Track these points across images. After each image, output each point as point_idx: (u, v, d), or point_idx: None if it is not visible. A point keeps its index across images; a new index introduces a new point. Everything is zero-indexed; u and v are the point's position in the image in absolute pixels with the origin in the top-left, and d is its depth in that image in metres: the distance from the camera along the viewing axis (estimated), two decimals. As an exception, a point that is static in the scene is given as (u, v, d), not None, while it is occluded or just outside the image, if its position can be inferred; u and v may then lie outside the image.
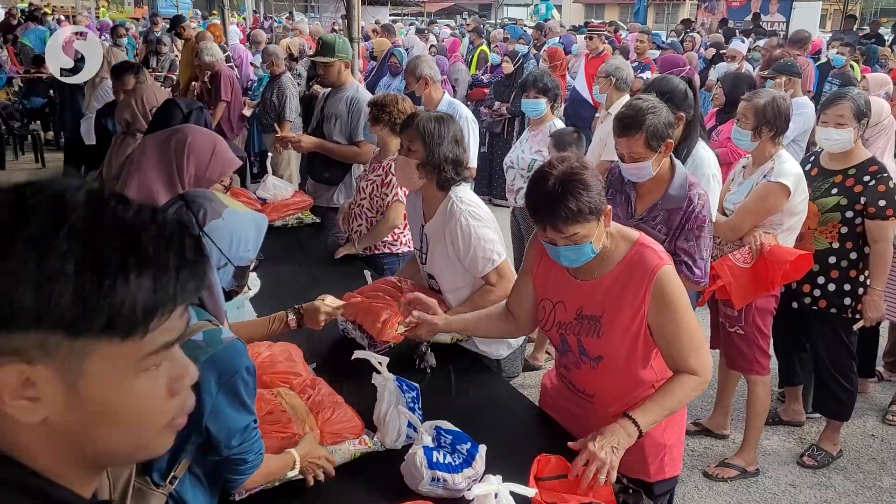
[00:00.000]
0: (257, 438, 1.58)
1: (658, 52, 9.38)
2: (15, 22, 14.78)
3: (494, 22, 25.36)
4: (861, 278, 3.31)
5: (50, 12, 17.68)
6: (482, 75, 9.24)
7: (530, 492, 1.70)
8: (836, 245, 3.28)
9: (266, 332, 2.25)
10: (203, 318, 1.50)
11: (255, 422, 1.57)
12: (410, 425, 2.04)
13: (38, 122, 10.41)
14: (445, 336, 2.57)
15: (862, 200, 3.21)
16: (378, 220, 3.55)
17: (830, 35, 14.24)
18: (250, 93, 8.04)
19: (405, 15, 28.87)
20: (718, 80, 5.87)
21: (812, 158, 3.49)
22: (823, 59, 8.68)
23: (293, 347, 2.29)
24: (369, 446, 2.04)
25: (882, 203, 3.18)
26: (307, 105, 6.97)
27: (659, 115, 2.57)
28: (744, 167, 3.37)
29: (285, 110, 6.59)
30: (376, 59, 8.07)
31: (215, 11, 17.70)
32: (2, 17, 15.52)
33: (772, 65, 5.26)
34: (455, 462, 1.92)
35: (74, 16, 17.95)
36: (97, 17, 19.19)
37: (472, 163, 4.23)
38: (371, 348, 2.45)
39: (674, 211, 2.65)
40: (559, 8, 25.50)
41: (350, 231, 3.71)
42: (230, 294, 1.71)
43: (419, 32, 14.13)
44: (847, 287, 3.30)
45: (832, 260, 3.30)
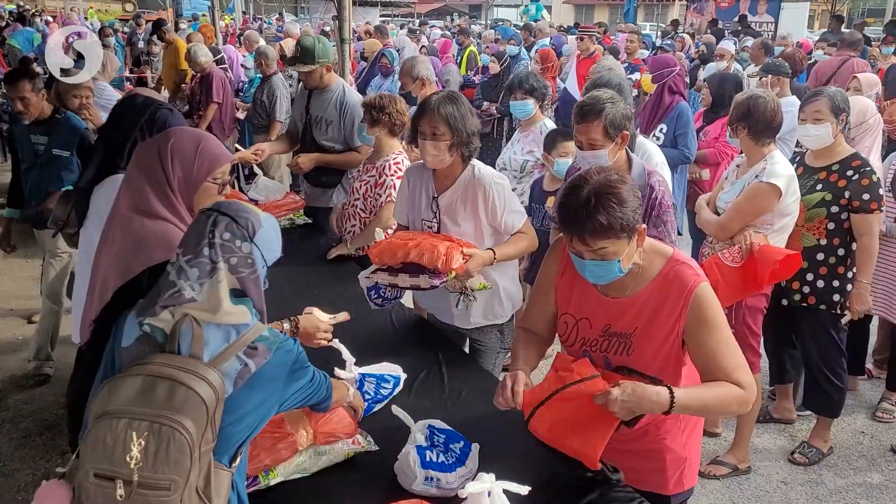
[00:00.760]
0: (319, 383, 1.79)
1: (647, 53, 9.42)
2: (3, 24, 14.69)
3: (485, 23, 25.40)
4: (849, 274, 3.34)
5: (37, 13, 17.59)
6: (473, 76, 9.25)
7: (523, 490, 1.71)
8: (824, 241, 3.31)
9: None
10: (256, 319, 1.59)
11: (314, 375, 1.76)
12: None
13: (27, 125, 10.31)
14: (476, 281, 2.68)
15: (846, 195, 3.24)
16: (371, 221, 3.55)
17: (818, 36, 14.35)
18: (241, 94, 8.03)
19: (396, 16, 28.88)
20: (705, 81, 5.91)
21: (798, 158, 3.54)
22: (811, 60, 8.76)
23: None
24: (362, 446, 2.05)
25: (866, 196, 3.21)
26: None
27: (617, 107, 2.69)
28: (738, 166, 3.40)
29: (275, 110, 6.58)
30: (366, 60, 8.07)
31: (205, 13, 17.67)
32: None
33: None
34: (448, 461, 1.92)
35: (64, 19, 17.85)
36: (86, 18, 19.10)
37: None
38: (432, 281, 2.54)
39: None
40: (549, 9, 25.55)
41: (343, 231, 3.71)
42: None
43: (411, 33, 14.11)
44: (836, 283, 3.33)
45: (820, 256, 3.32)
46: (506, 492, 1.69)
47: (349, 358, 2.28)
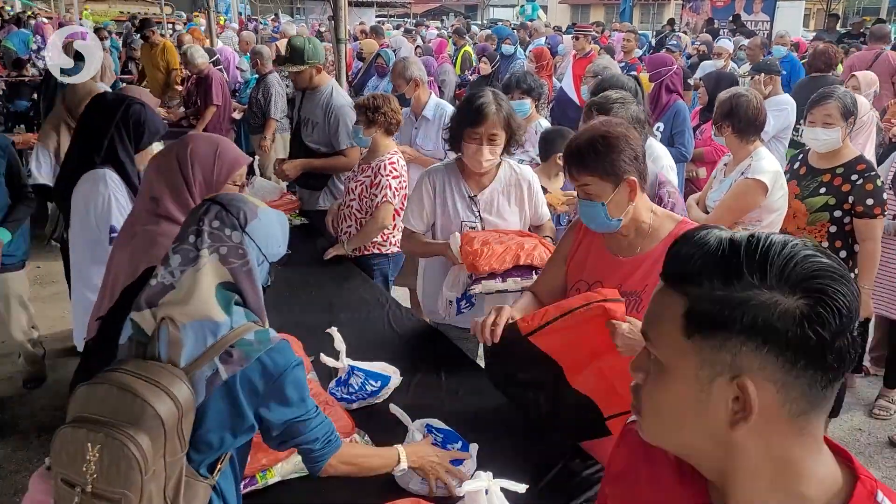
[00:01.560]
0: (311, 429, 1.61)
1: (640, 52, 9.43)
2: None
3: (481, 23, 25.39)
4: (851, 276, 3.31)
5: (31, 14, 17.54)
6: (469, 75, 9.25)
7: (521, 488, 1.71)
8: (826, 245, 3.30)
9: None
10: (251, 319, 1.54)
11: (309, 413, 1.59)
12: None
13: (23, 126, 10.31)
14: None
15: (850, 199, 3.22)
16: (367, 221, 3.55)
17: (813, 35, 14.37)
18: (237, 95, 8.03)
19: (391, 16, 28.85)
20: (701, 80, 5.92)
21: (801, 156, 3.50)
22: (804, 58, 8.77)
23: (292, 339, 2.31)
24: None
25: (870, 202, 3.19)
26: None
27: (628, 108, 2.70)
28: (725, 165, 3.40)
29: (270, 108, 6.58)
30: (364, 60, 8.06)
31: (197, 14, 17.62)
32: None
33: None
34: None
35: (59, 20, 17.80)
36: (80, 20, 19.05)
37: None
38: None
39: None
40: (545, 8, 25.56)
41: (339, 232, 3.70)
42: (264, 290, 1.73)
43: (407, 33, 14.11)
44: None
45: None
46: (503, 490, 1.70)
47: (341, 347, 2.26)
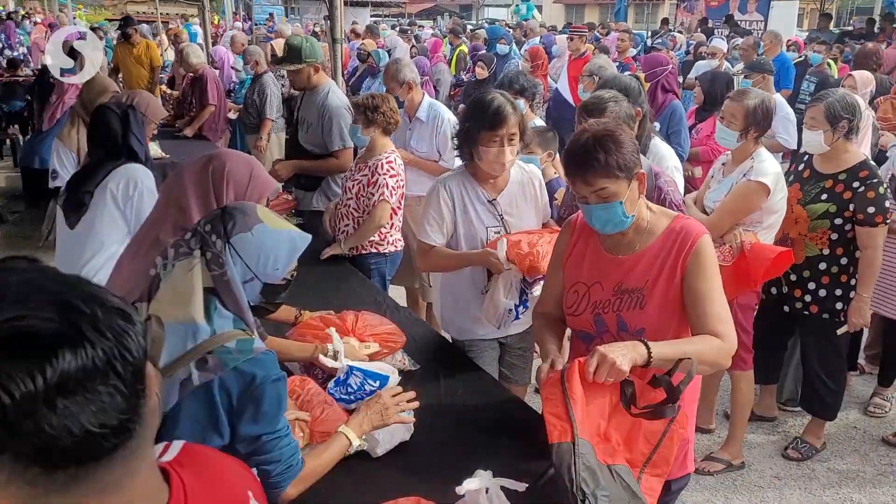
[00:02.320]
0: (278, 448, 1.58)
1: (635, 51, 9.45)
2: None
3: (475, 22, 25.40)
4: (852, 282, 3.30)
5: (25, 13, 17.47)
6: (464, 75, 9.25)
7: (521, 486, 1.71)
8: (827, 251, 3.28)
9: (298, 356, 2.33)
10: (238, 327, 1.52)
11: (278, 433, 1.57)
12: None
13: (17, 126, 10.27)
14: None
15: (851, 207, 3.20)
16: (364, 220, 3.54)
17: (806, 34, 14.43)
18: (233, 94, 8.01)
19: (386, 16, 28.84)
20: (696, 79, 5.93)
21: (805, 159, 3.46)
22: (801, 58, 8.81)
23: (334, 321, 2.38)
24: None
25: (871, 210, 3.17)
26: (291, 107, 6.95)
27: (621, 105, 2.73)
28: (723, 164, 3.40)
29: (265, 108, 6.57)
30: (364, 61, 8.04)
31: (193, 15, 17.56)
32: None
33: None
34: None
35: (52, 21, 17.73)
36: (74, 20, 18.98)
37: (456, 163, 4.22)
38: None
39: None
40: (539, 8, 25.57)
41: (336, 231, 3.70)
42: (257, 309, 1.71)
43: (402, 33, 14.10)
44: (838, 292, 3.30)
45: (822, 266, 3.30)
46: (503, 489, 1.70)
47: (339, 347, 2.26)
